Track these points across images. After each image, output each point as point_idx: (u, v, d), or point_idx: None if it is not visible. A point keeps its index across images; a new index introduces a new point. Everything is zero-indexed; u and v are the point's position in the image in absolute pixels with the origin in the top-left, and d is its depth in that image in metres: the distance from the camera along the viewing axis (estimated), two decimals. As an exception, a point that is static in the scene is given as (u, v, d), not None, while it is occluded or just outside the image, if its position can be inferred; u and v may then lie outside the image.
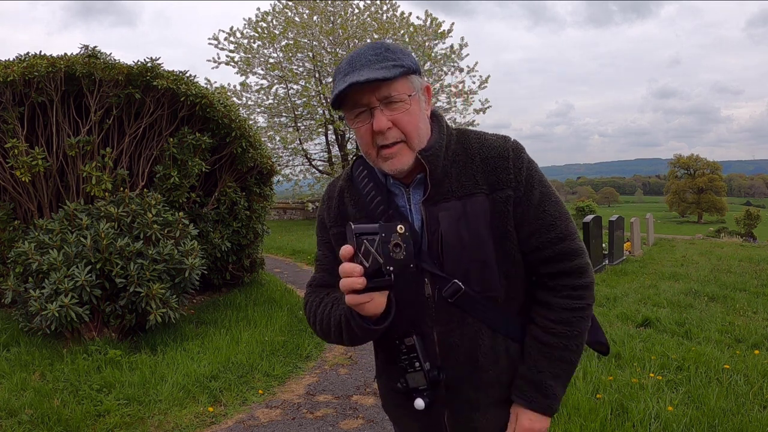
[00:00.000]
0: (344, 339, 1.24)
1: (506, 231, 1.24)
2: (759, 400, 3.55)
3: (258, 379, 4.25)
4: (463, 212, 1.23)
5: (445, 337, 1.26)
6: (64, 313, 4.25)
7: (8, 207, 5.35)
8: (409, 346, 1.23)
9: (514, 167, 1.25)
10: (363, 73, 1.15)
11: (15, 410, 3.48)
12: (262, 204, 6.99)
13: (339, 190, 1.38)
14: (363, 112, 1.19)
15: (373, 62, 1.17)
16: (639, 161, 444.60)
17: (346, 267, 1.06)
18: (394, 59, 1.18)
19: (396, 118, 1.19)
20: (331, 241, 1.38)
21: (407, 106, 1.19)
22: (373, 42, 1.24)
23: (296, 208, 21.91)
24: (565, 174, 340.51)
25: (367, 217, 1.29)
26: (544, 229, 1.26)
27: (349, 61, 1.20)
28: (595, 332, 1.40)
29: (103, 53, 6.30)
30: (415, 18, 20.90)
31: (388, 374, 1.38)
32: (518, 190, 1.24)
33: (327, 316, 1.28)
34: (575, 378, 3.86)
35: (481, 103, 20.24)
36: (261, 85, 20.04)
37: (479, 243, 1.23)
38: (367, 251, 1.03)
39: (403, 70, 1.18)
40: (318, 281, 1.42)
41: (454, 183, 1.25)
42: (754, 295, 6.89)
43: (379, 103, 1.18)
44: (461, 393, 1.28)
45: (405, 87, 1.20)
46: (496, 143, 1.28)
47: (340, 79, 1.19)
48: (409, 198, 1.28)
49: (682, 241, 15.24)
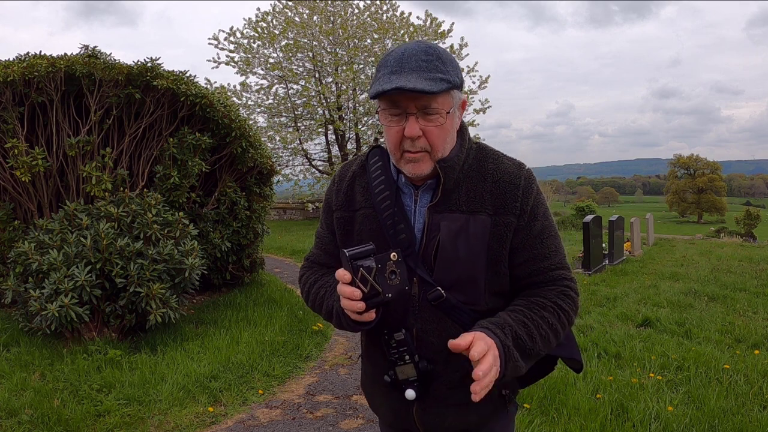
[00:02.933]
0: (333, 324, 1.35)
1: (501, 254, 1.28)
2: (759, 400, 3.56)
3: (258, 379, 4.25)
4: (465, 227, 1.26)
5: (423, 334, 1.30)
6: (64, 313, 4.25)
7: (8, 207, 5.35)
8: (399, 340, 1.26)
9: (522, 196, 1.28)
10: (411, 79, 1.15)
11: (15, 410, 3.48)
12: (262, 204, 6.99)
13: (351, 174, 1.42)
14: (398, 111, 1.21)
15: (422, 69, 1.17)
16: (639, 161, 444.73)
17: (346, 291, 1.13)
18: (443, 71, 1.19)
19: (428, 129, 1.21)
20: (333, 224, 1.43)
21: (442, 121, 1.21)
22: (426, 44, 1.23)
23: (296, 208, 21.91)
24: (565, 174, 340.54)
25: (372, 208, 1.33)
26: (540, 258, 1.30)
27: (399, 59, 1.19)
28: (570, 349, 1.42)
29: (103, 53, 6.30)
30: (415, 18, 20.96)
31: (371, 360, 1.45)
32: (521, 218, 1.28)
33: (320, 299, 1.38)
34: (575, 378, 3.86)
35: (481, 103, 20.28)
36: (261, 85, 20.09)
37: (473, 260, 1.26)
38: (364, 278, 1.11)
39: (449, 86, 1.19)
40: (314, 257, 1.52)
41: (462, 196, 1.28)
42: (754, 295, 6.89)
43: (417, 111, 1.19)
44: (433, 388, 1.32)
45: (446, 102, 1.21)
46: (510, 169, 1.31)
47: (385, 76, 1.19)
48: (417, 200, 1.31)
49: (682, 241, 15.24)
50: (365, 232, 1.35)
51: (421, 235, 1.28)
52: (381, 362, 1.36)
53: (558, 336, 1.28)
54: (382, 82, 1.18)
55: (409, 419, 1.37)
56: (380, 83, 1.18)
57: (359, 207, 1.37)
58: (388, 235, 1.30)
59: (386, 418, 1.47)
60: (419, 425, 1.37)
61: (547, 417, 3.39)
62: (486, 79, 20.04)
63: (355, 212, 1.38)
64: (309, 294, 1.44)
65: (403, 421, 1.40)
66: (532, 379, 1.46)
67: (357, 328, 1.25)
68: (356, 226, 1.37)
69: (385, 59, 1.22)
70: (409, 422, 1.38)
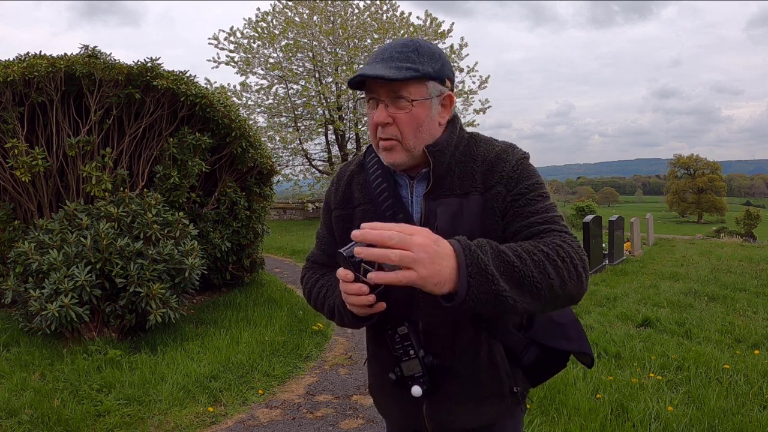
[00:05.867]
0: (335, 322, 1.36)
1: (495, 228, 1.25)
2: (759, 400, 3.56)
3: (258, 379, 4.25)
4: (460, 210, 1.26)
5: (429, 327, 1.29)
6: (64, 313, 4.25)
7: (8, 207, 5.35)
8: (402, 335, 1.25)
9: (510, 167, 1.27)
10: (377, 68, 1.20)
11: (15, 410, 3.48)
12: (262, 204, 6.99)
13: (349, 173, 1.44)
14: (372, 99, 1.25)
15: (393, 59, 1.21)
16: (639, 161, 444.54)
17: (352, 287, 1.12)
18: (414, 61, 1.21)
19: (396, 116, 1.23)
20: (332, 223, 1.44)
21: (410, 108, 1.22)
22: (410, 39, 1.27)
23: (296, 208, 21.91)
24: (565, 174, 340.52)
25: (371, 203, 1.34)
26: (530, 214, 1.22)
27: (380, 49, 1.27)
28: (580, 343, 1.39)
29: (103, 53, 6.30)
30: (415, 18, 20.96)
31: (378, 360, 1.43)
32: (509, 185, 1.26)
33: (322, 298, 1.39)
34: (575, 378, 3.86)
35: (481, 103, 20.30)
36: (261, 85, 20.10)
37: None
38: (366, 271, 1.08)
39: (417, 74, 1.20)
40: (315, 258, 1.52)
41: (455, 181, 1.28)
42: (754, 295, 6.89)
43: (386, 98, 1.22)
44: (441, 385, 1.30)
45: (418, 91, 1.22)
46: (500, 147, 1.31)
47: (364, 66, 1.25)
48: (413, 190, 1.32)
49: (682, 241, 15.24)
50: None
51: (419, 224, 1.28)
52: (388, 361, 1.34)
53: (558, 272, 1.08)
54: (359, 70, 1.23)
55: (419, 419, 1.35)
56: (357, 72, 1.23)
57: (358, 203, 1.38)
58: None
59: (395, 420, 1.45)
60: (429, 424, 1.35)
61: (547, 417, 3.39)
62: (486, 79, 20.05)
63: (353, 209, 1.39)
64: (311, 294, 1.45)
65: (412, 421, 1.38)
66: (543, 377, 1.43)
67: (359, 324, 1.27)
68: (356, 223, 1.36)
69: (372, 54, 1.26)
70: (419, 422, 1.36)
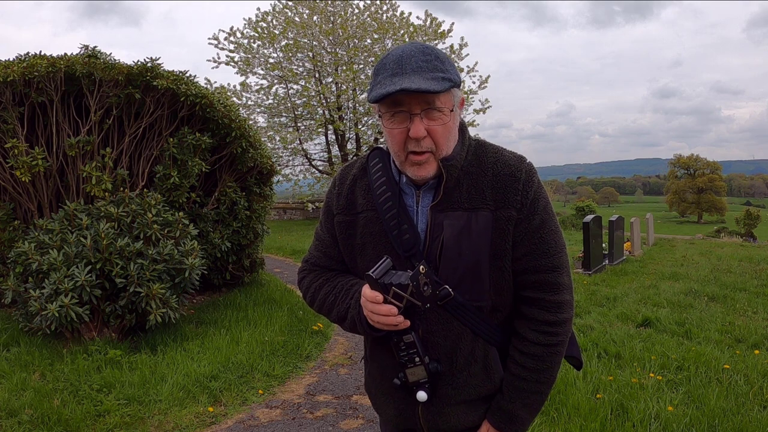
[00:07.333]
0: (344, 327, 1.39)
1: (504, 249, 1.27)
2: (759, 400, 3.56)
3: (258, 379, 4.25)
4: (467, 225, 1.26)
5: (429, 335, 1.30)
6: (64, 313, 4.25)
7: (8, 207, 5.35)
8: (408, 342, 1.27)
9: (523, 189, 1.27)
10: (414, 80, 1.15)
11: (15, 410, 3.48)
12: (262, 204, 6.98)
13: (352, 177, 1.41)
14: (401, 113, 1.20)
15: (424, 69, 1.17)
16: (639, 161, 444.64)
17: (382, 309, 1.19)
18: (443, 70, 1.20)
19: (433, 129, 1.21)
20: (334, 228, 1.42)
21: (446, 119, 1.21)
22: (422, 44, 1.24)
23: (296, 208, 21.91)
24: (565, 174, 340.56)
25: (375, 211, 1.33)
26: (538, 254, 1.29)
27: (398, 61, 1.19)
28: (570, 347, 1.43)
29: (103, 53, 6.30)
30: (415, 18, 20.95)
31: (376, 360, 1.45)
32: (522, 212, 1.27)
33: (329, 305, 1.40)
34: (575, 378, 3.86)
35: (482, 103, 20.29)
36: (261, 85, 20.09)
37: (476, 256, 1.26)
38: (397, 295, 1.19)
39: (451, 84, 1.19)
40: (315, 260, 1.50)
41: (463, 194, 1.28)
42: (754, 295, 6.89)
43: (420, 111, 1.19)
44: (437, 388, 1.33)
45: (448, 101, 1.22)
46: (510, 161, 1.30)
47: (387, 78, 1.18)
48: (419, 200, 1.31)
49: (682, 241, 15.24)
50: (368, 234, 1.34)
51: (424, 235, 1.28)
52: (387, 362, 1.36)
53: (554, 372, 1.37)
54: (385, 84, 1.17)
55: (414, 419, 1.38)
56: (383, 86, 1.18)
57: (361, 210, 1.36)
58: (391, 236, 1.29)
59: (390, 419, 1.46)
60: (424, 425, 1.37)
61: (547, 417, 3.39)
62: (486, 79, 20.05)
63: (357, 215, 1.37)
64: (315, 299, 1.45)
65: (407, 421, 1.40)
66: None
67: (375, 334, 1.30)
68: (359, 230, 1.36)
69: (382, 63, 1.22)
70: (414, 422, 1.39)
